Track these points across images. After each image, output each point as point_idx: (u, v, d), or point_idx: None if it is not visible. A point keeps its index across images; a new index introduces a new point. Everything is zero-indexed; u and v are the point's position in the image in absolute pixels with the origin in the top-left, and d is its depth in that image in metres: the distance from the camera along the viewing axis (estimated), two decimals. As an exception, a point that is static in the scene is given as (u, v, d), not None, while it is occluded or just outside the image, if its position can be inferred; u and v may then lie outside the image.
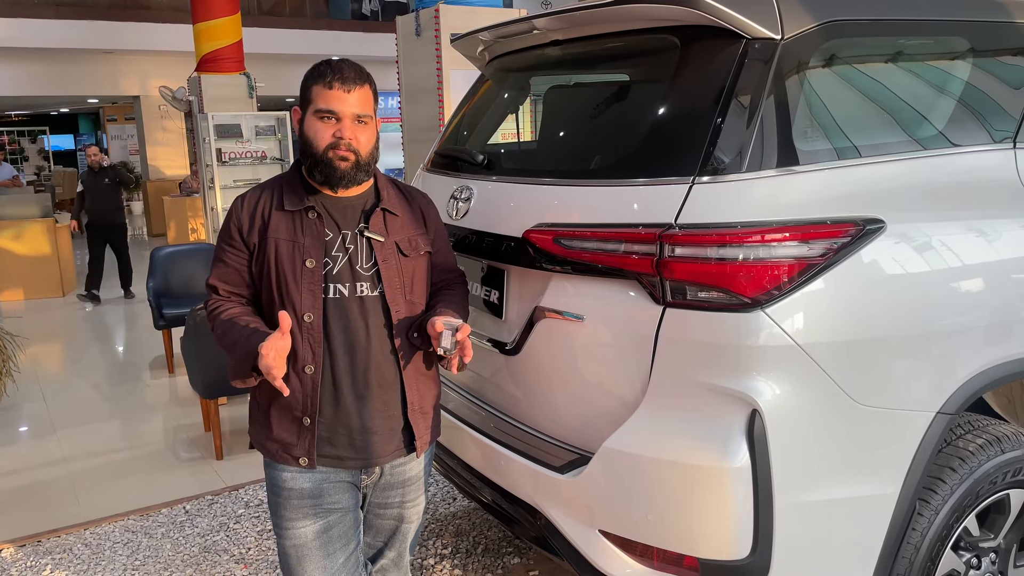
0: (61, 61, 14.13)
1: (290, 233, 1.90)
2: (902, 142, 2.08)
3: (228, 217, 1.97)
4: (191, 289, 6.01)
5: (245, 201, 1.97)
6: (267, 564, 3.16)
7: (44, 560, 3.25)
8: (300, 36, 14.97)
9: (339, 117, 1.86)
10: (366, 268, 1.93)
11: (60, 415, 5.16)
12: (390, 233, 1.96)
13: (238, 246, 1.95)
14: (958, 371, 1.97)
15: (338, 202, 1.95)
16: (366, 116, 1.90)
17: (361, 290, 1.92)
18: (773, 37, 1.91)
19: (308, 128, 1.90)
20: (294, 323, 1.87)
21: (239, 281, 1.97)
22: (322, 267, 1.89)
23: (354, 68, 1.90)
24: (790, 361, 1.79)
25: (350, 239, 1.93)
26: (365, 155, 1.90)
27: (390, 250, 1.95)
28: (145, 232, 15.16)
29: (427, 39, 6.20)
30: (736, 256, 1.78)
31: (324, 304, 1.89)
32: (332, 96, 1.86)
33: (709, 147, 1.86)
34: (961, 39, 2.28)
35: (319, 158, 1.88)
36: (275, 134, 9.24)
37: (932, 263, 1.96)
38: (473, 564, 3.10)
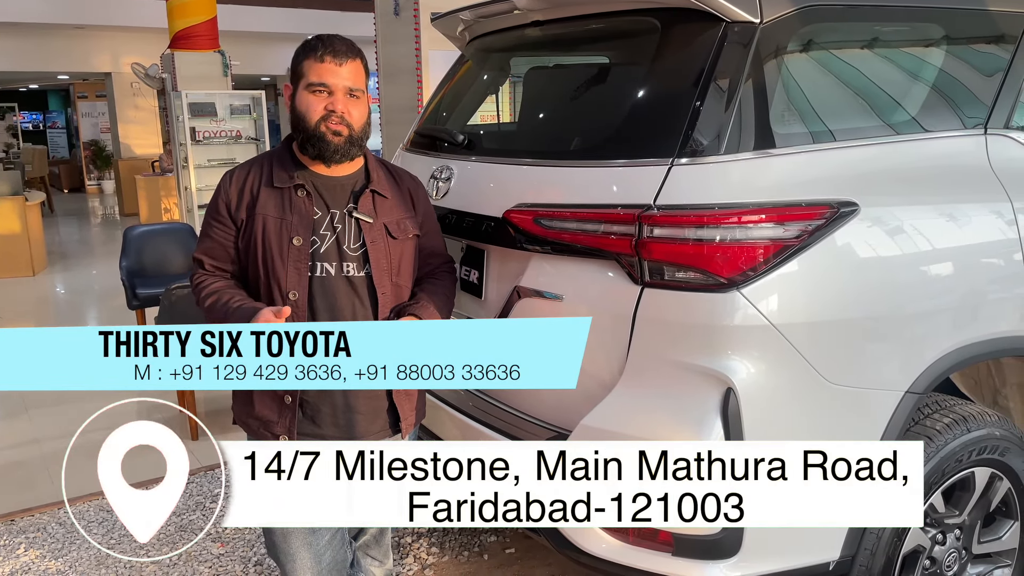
0: (31, 36, 13.81)
1: (278, 210, 1.90)
2: (876, 127, 2.11)
3: (216, 192, 1.97)
4: (165, 269, 5.94)
5: (234, 176, 1.96)
6: (243, 543, 3.16)
7: (18, 539, 3.23)
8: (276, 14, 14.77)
9: (331, 90, 1.87)
10: (353, 248, 1.93)
11: (32, 395, 5.08)
12: (379, 215, 1.96)
13: (225, 222, 1.94)
14: (926, 352, 2.02)
15: (328, 181, 1.95)
16: (358, 90, 1.90)
17: (348, 270, 1.92)
18: (752, 21, 1.93)
19: (300, 102, 1.90)
20: (279, 300, 1.87)
21: (225, 256, 1.97)
22: (309, 245, 1.90)
23: (345, 42, 1.90)
24: (764, 341, 1.82)
25: (338, 218, 1.93)
26: (358, 129, 1.91)
27: (378, 231, 1.95)
28: (117, 211, 14.94)
29: (406, 19, 6.16)
30: (713, 237, 1.81)
31: (310, 282, 1.90)
32: (324, 69, 1.86)
33: (688, 129, 1.88)
34: (936, 26, 2.32)
35: (311, 132, 1.88)
36: (250, 113, 9.13)
37: (903, 246, 2.00)
38: (450, 542, 3.13)
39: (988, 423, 2.16)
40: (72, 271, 8.89)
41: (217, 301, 1.89)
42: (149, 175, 12.45)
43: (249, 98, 9.18)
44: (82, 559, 3.07)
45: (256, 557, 3.06)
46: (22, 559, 3.08)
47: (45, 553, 3.13)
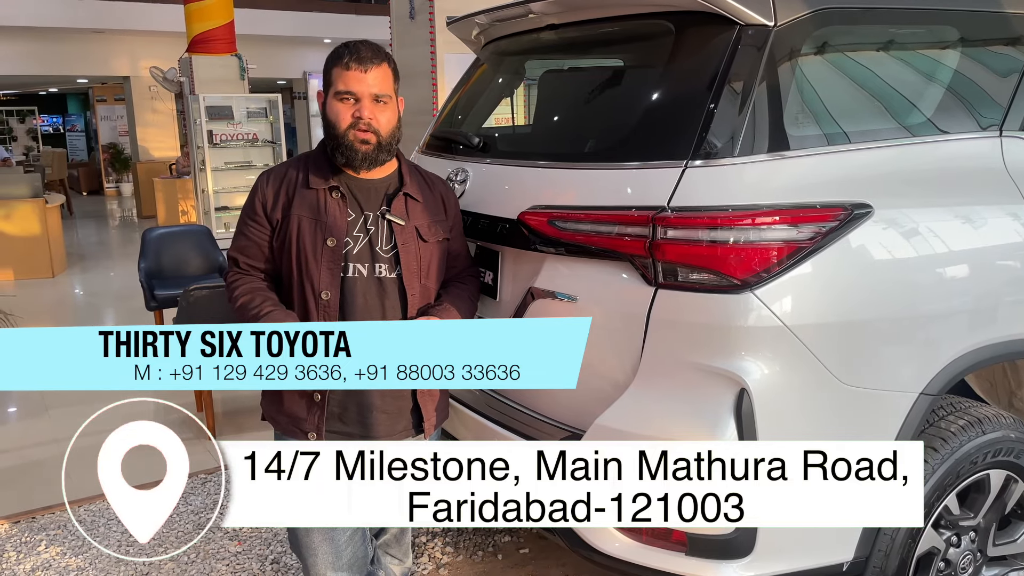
0: (51, 40, 13.97)
1: (313, 211, 1.94)
2: (891, 128, 2.11)
3: (253, 192, 2.01)
4: (183, 270, 6.00)
5: (271, 177, 2.00)
6: (260, 541, 3.19)
7: (39, 536, 3.27)
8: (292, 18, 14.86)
9: (357, 97, 1.91)
10: (386, 250, 1.97)
11: (52, 394, 5.15)
12: (411, 218, 2.00)
13: (261, 221, 1.98)
14: (941, 354, 2.02)
15: (362, 183, 1.99)
16: (385, 96, 1.93)
17: (380, 271, 1.96)
18: (766, 24, 1.93)
19: (330, 110, 1.94)
20: (311, 300, 1.90)
21: (259, 255, 2.00)
22: (342, 246, 1.93)
23: (371, 48, 1.93)
24: (778, 342, 1.83)
25: (371, 220, 1.97)
26: (386, 135, 1.94)
27: (410, 234, 1.99)
28: (135, 214, 15.08)
29: (421, 22, 6.19)
30: (727, 239, 1.82)
31: (342, 283, 1.93)
32: (350, 77, 1.90)
33: (702, 132, 1.89)
34: (951, 28, 2.31)
35: (340, 139, 1.92)
36: (266, 116, 9.21)
37: (918, 248, 2.00)
38: (464, 542, 3.14)
39: (1003, 425, 2.16)
40: (91, 273, 8.98)
41: (250, 302, 1.93)
42: (167, 178, 12.56)
43: (265, 101, 9.25)
44: (101, 556, 3.11)
45: (273, 555, 3.08)
46: (43, 556, 3.12)
47: (65, 550, 3.17)
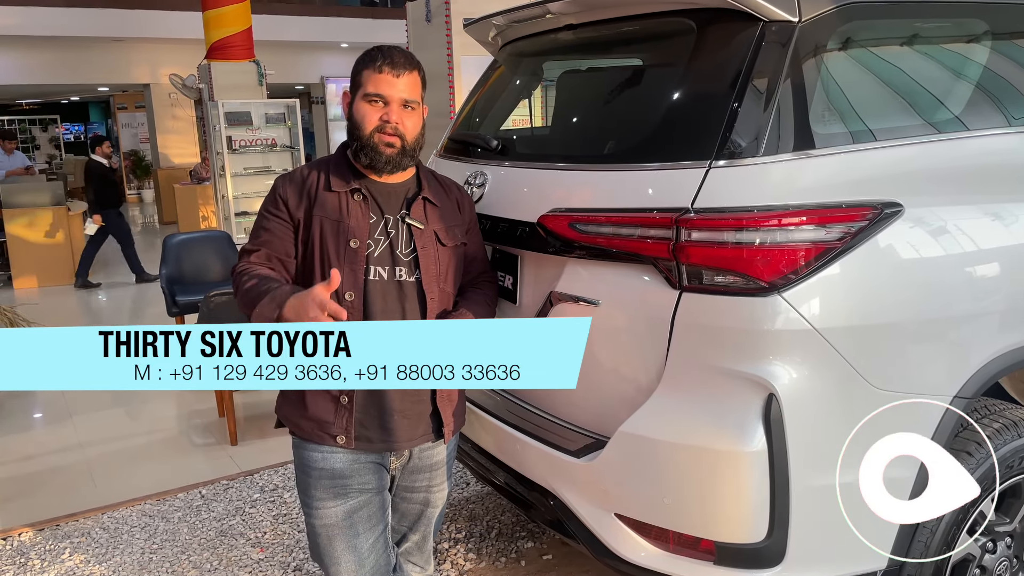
0: (71, 49, 14.14)
1: (336, 213, 1.94)
2: (919, 125, 2.07)
3: (273, 190, 2.00)
4: (204, 276, 6.03)
5: (292, 177, 2.01)
6: (283, 548, 3.19)
7: (63, 544, 3.28)
8: (310, 23, 14.97)
9: (387, 101, 1.91)
10: (405, 253, 1.97)
11: (75, 401, 5.20)
12: (430, 222, 2.01)
13: (283, 215, 1.97)
14: (974, 356, 1.97)
15: (382, 187, 1.99)
16: (413, 102, 1.94)
17: (400, 274, 1.96)
18: (791, 20, 1.89)
19: (356, 111, 1.94)
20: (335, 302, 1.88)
21: (279, 247, 1.97)
22: (364, 248, 1.93)
23: (404, 55, 1.94)
24: (807, 345, 1.79)
25: (392, 224, 1.97)
26: (411, 140, 1.94)
27: (429, 238, 1.99)
28: (156, 220, 15.20)
29: (437, 25, 6.19)
30: (753, 240, 1.78)
31: (364, 285, 1.92)
32: (381, 80, 1.90)
33: (726, 131, 1.86)
34: (979, 21, 2.26)
35: (365, 141, 1.92)
36: (285, 121, 9.26)
37: (949, 247, 1.95)
38: (487, 548, 3.12)
39: (1039, 428, 2.10)
40: (113, 279, 9.05)
41: (258, 284, 1.87)
42: (187, 184, 12.66)
43: (284, 107, 9.30)
44: (125, 564, 3.11)
45: (295, 563, 3.08)
46: (67, 564, 3.13)
47: (89, 558, 3.18)
